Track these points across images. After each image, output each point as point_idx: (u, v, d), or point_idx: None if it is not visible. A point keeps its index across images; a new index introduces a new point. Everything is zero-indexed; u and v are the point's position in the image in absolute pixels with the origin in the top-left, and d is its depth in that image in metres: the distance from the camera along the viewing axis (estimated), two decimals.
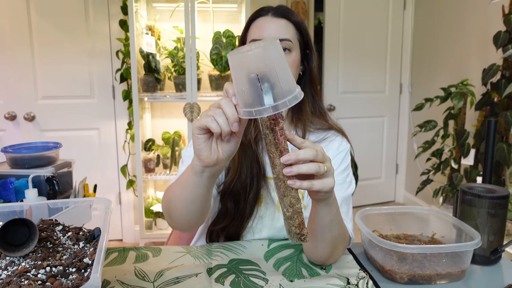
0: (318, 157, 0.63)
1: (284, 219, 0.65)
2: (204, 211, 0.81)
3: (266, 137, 0.62)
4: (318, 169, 0.63)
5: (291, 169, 0.61)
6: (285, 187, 0.62)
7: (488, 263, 0.89)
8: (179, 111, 2.56)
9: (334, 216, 0.76)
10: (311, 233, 0.79)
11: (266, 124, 0.61)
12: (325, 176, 0.65)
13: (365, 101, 3.38)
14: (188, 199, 0.76)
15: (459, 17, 2.75)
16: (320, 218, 0.75)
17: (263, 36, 0.93)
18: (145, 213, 2.61)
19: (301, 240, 0.65)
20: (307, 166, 0.62)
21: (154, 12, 2.63)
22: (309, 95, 1.03)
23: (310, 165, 0.62)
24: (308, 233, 0.65)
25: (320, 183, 0.65)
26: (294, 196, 0.63)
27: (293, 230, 0.64)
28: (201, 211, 0.79)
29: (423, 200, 3.21)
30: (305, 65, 1.02)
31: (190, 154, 0.95)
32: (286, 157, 0.61)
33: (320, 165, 0.63)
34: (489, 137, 1.00)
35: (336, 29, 3.17)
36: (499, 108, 2.17)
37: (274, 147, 0.62)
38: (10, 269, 0.62)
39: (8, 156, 1.31)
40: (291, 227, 0.64)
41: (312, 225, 0.78)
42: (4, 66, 2.49)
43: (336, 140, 1.01)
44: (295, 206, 0.63)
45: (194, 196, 0.75)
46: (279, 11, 0.95)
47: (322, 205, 0.73)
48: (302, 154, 0.62)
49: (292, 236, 0.65)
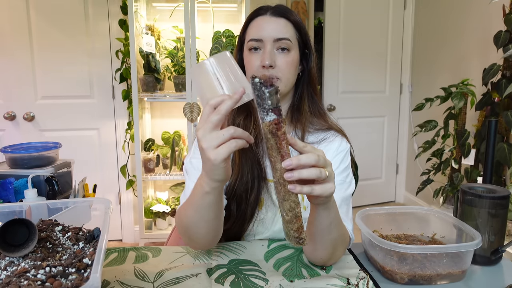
0: (319, 162, 0.62)
1: (283, 222, 0.65)
2: (222, 221, 0.83)
3: (268, 141, 0.61)
4: (320, 175, 0.62)
5: (292, 174, 0.60)
6: (286, 192, 0.62)
7: (488, 264, 0.89)
8: (179, 111, 2.56)
9: (333, 219, 0.76)
10: (310, 236, 0.79)
11: (268, 129, 0.60)
12: (326, 181, 0.65)
13: (365, 101, 3.38)
14: (210, 217, 0.77)
15: (460, 17, 2.75)
16: (319, 221, 0.75)
17: (262, 36, 0.92)
18: (145, 213, 2.61)
19: (299, 243, 0.64)
20: (309, 171, 0.61)
21: (154, 11, 2.63)
22: (308, 95, 1.02)
23: (311, 170, 0.61)
24: (306, 237, 0.64)
25: (320, 188, 0.64)
26: (294, 201, 0.62)
27: (292, 234, 0.64)
28: (221, 222, 0.82)
29: (423, 200, 3.21)
30: (304, 65, 1.01)
31: (196, 167, 0.94)
32: (288, 162, 0.60)
33: (322, 170, 0.62)
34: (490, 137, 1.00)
35: (336, 29, 3.17)
36: (499, 108, 2.16)
37: (276, 152, 0.61)
38: (10, 270, 0.62)
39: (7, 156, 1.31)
40: (290, 230, 0.64)
41: (311, 228, 0.78)
42: (3, 66, 2.49)
43: (335, 140, 1.00)
44: (294, 210, 0.62)
45: (213, 212, 0.76)
46: (278, 10, 0.94)
47: (321, 208, 0.73)
48: (304, 159, 0.61)
49: (290, 239, 0.65)
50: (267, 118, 0.60)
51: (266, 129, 0.61)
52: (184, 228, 0.82)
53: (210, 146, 0.62)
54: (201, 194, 0.72)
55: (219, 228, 0.83)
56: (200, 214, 0.76)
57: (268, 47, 0.92)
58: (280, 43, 0.92)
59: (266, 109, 0.59)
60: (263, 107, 0.60)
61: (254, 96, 0.60)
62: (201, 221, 0.77)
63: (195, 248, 0.93)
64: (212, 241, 0.85)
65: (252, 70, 0.93)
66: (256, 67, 0.92)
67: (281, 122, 0.60)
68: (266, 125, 0.60)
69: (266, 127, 0.60)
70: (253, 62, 0.93)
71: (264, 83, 0.59)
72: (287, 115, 1.02)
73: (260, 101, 0.60)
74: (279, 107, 0.60)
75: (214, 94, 0.65)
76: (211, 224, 0.79)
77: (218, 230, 0.83)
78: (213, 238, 0.84)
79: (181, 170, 2.60)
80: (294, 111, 1.01)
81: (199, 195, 0.73)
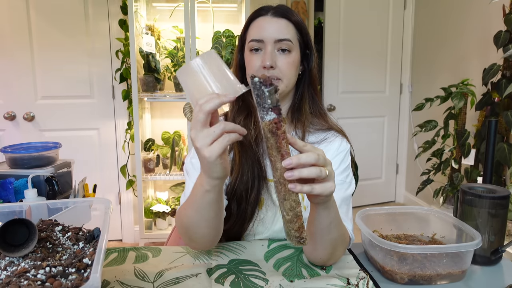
0: (319, 161, 0.62)
1: (284, 222, 0.65)
2: (222, 220, 0.83)
3: (268, 140, 0.61)
4: (320, 173, 0.62)
5: (293, 173, 0.60)
6: (286, 191, 0.62)
7: (488, 264, 0.89)
8: (179, 111, 2.56)
9: (333, 219, 0.76)
10: (310, 235, 0.79)
11: (268, 128, 0.60)
12: (326, 180, 0.65)
13: (365, 101, 3.38)
14: (210, 216, 0.77)
15: (460, 17, 2.75)
16: (319, 221, 0.75)
17: (263, 36, 0.92)
18: (145, 213, 2.61)
19: (300, 243, 0.64)
20: (309, 170, 0.61)
21: (154, 11, 2.63)
22: (309, 96, 1.02)
23: (311, 169, 0.62)
24: (307, 236, 0.64)
25: (320, 187, 0.64)
26: (294, 200, 0.62)
27: (293, 233, 0.64)
28: (221, 222, 0.82)
29: (423, 200, 3.21)
30: (305, 65, 1.01)
31: (196, 167, 0.94)
32: (288, 161, 0.60)
33: (322, 169, 0.63)
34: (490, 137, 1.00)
35: (336, 29, 3.17)
36: (499, 108, 2.16)
37: (276, 151, 0.61)
38: (10, 270, 0.62)
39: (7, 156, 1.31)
40: (291, 230, 0.64)
41: (311, 228, 0.78)
42: (3, 66, 2.49)
43: (336, 141, 1.00)
44: (295, 209, 0.62)
45: (214, 211, 0.76)
46: (279, 10, 0.94)
47: (321, 208, 0.73)
48: (304, 158, 0.61)
49: (291, 239, 0.65)
50: (267, 117, 0.60)
51: (266, 128, 0.61)
52: (184, 228, 0.82)
53: (204, 144, 0.63)
54: (201, 193, 0.72)
55: (220, 228, 0.83)
56: (200, 213, 0.76)
57: (269, 48, 0.92)
58: (281, 44, 0.92)
59: (266, 108, 0.59)
60: (262, 107, 0.60)
61: (254, 95, 0.60)
62: (202, 220, 0.77)
63: (195, 249, 0.93)
64: (212, 241, 0.85)
65: (253, 70, 0.93)
66: (256, 68, 0.93)
67: (281, 121, 0.60)
68: (266, 124, 0.60)
69: (266, 126, 0.60)
70: (253, 63, 0.93)
71: (264, 83, 0.59)
72: (287, 115, 1.02)
73: (260, 101, 0.60)
74: (279, 106, 0.60)
75: (203, 94, 0.65)
76: (212, 223, 0.79)
77: (218, 229, 0.83)
78: (213, 238, 0.84)
79: (181, 170, 2.60)
80: (294, 111, 1.01)
81: (199, 194, 0.73)
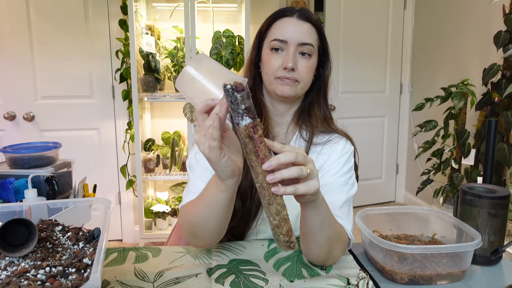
0: (298, 159, 0.63)
1: (272, 228, 0.65)
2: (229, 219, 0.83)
3: (246, 146, 0.61)
4: (301, 172, 0.62)
5: (274, 176, 0.61)
6: (270, 195, 0.62)
7: (488, 264, 0.89)
8: (179, 111, 2.56)
9: (324, 218, 0.76)
10: (303, 236, 0.80)
11: (245, 133, 0.61)
12: (309, 179, 0.65)
13: (365, 101, 3.38)
14: (221, 215, 0.77)
15: (460, 17, 2.75)
16: (310, 220, 0.75)
17: (287, 38, 0.93)
18: (145, 213, 2.61)
19: (290, 247, 0.64)
20: (289, 170, 0.62)
21: (154, 11, 2.63)
22: (320, 100, 1.03)
23: (292, 169, 0.62)
24: (295, 240, 0.64)
25: (304, 186, 0.64)
26: (279, 203, 0.62)
27: (282, 238, 0.64)
28: (228, 220, 0.82)
29: (423, 200, 3.21)
30: (320, 71, 1.02)
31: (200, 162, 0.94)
32: (268, 164, 0.61)
33: (302, 168, 0.63)
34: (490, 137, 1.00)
35: (336, 29, 3.17)
36: (499, 108, 2.16)
37: (255, 156, 0.61)
38: (10, 270, 0.62)
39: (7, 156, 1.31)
40: (279, 235, 0.64)
41: (303, 229, 0.79)
42: (3, 65, 2.49)
43: (340, 142, 1.01)
44: (281, 213, 0.62)
45: (226, 210, 0.77)
46: (304, 14, 0.95)
47: (310, 207, 0.73)
48: (283, 157, 0.62)
49: (280, 244, 0.65)
50: (242, 122, 0.60)
51: (243, 133, 0.61)
52: (190, 225, 0.82)
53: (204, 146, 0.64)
54: (217, 191, 0.73)
55: (226, 226, 0.84)
56: (211, 210, 0.76)
57: (291, 50, 0.92)
58: (303, 48, 0.93)
59: (240, 114, 0.60)
60: (237, 112, 0.60)
61: (228, 102, 0.60)
62: (212, 218, 0.78)
63: (196, 246, 0.93)
64: (217, 238, 0.86)
65: (273, 69, 0.94)
66: (276, 67, 0.94)
67: (256, 125, 0.61)
68: (243, 129, 0.60)
69: (243, 132, 0.61)
70: (273, 62, 0.94)
71: (236, 88, 0.59)
72: (294, 117, 1.03)
73: (234, 107, 0.60)
74: (253, 111, 0.60)
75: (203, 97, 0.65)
76: (221, 221, 0.80)
77: (224, 227, 0.84)
78: (218, 236, 0.85)
79: (181, 170, 2.60)
80: (302, 114, 1.03)
81: (213, 192, 0.74)
